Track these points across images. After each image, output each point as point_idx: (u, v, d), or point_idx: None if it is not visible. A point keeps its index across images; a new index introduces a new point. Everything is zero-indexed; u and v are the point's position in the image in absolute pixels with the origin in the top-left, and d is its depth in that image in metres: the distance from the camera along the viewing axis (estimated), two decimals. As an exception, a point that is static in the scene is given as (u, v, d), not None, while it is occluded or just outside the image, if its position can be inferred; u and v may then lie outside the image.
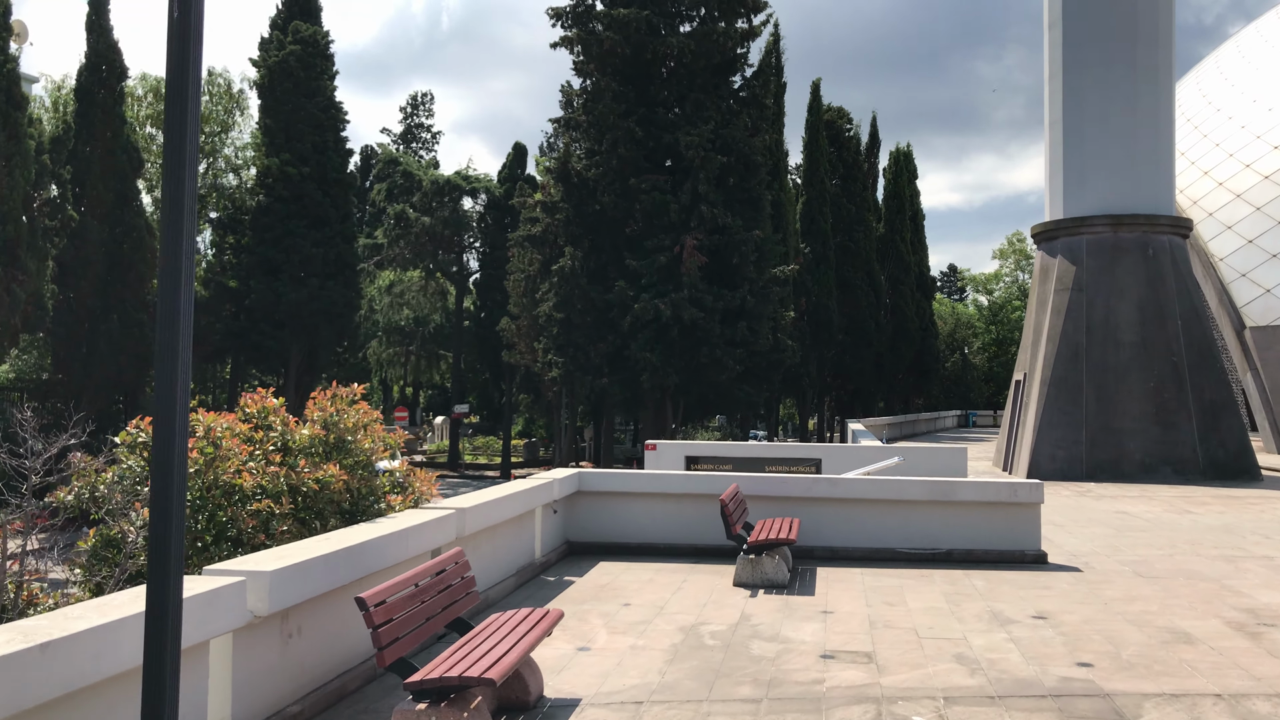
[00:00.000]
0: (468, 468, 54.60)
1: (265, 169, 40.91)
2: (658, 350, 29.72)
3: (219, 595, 5.36)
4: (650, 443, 20.64)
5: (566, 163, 31.70)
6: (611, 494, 13.24)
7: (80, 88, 33.82)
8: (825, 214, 51.74)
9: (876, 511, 12.84)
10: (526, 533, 11.54)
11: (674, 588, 10.87)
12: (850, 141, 57.25)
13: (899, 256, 61.22)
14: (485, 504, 9.47)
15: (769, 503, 13.00)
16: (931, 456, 19.52)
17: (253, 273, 41.22)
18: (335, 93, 44.50)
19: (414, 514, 8.40)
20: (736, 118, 31.82)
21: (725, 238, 30.59)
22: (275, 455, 7.78)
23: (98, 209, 33.39)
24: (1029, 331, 28.82)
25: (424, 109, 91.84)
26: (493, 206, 51.26)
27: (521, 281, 36.58)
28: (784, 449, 21.30)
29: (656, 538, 13.07)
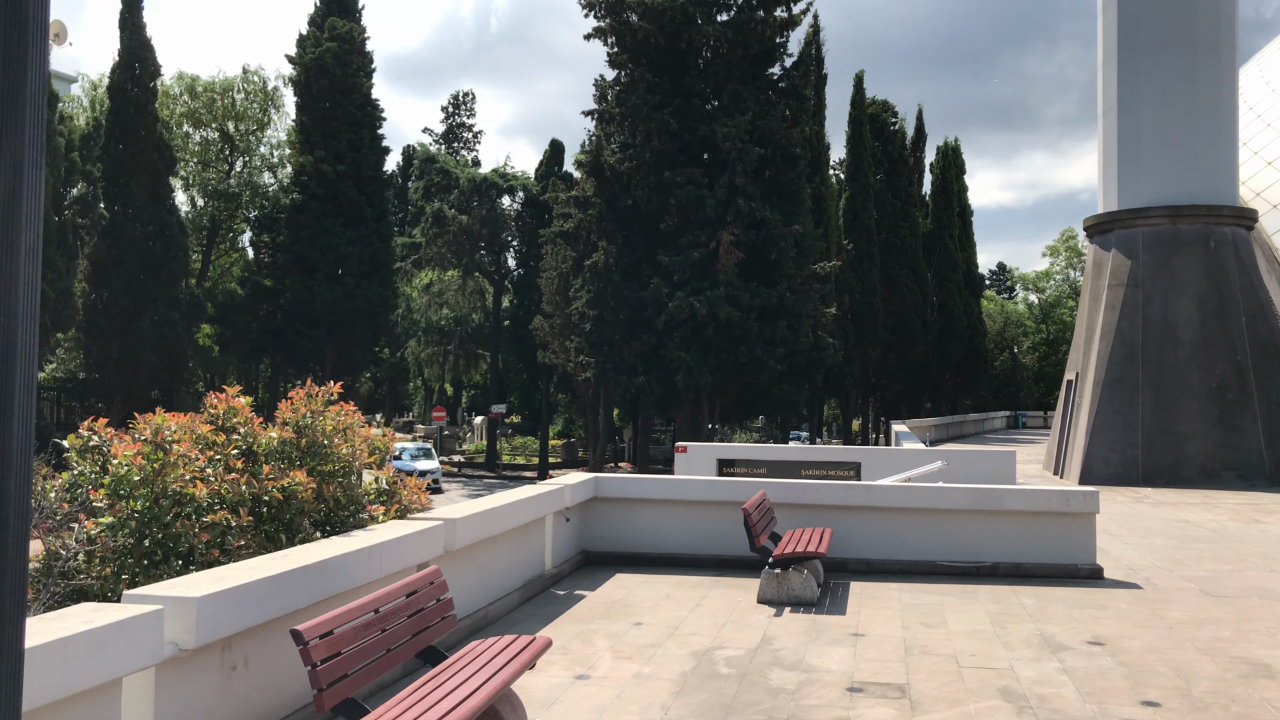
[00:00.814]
0: (505, 468, 54.03)
1: (300, 167, 40.60)
2: (693, 349, 28.82)
3: (127, 627, 4.59)
4: (680, 445, 19.77)
5: (599, 156, 30.88)
6: (630, 500, 12.40)
7: (113, 85, 33.66)
8: (869, 209, 50.48)
9: (916, 521, 11.87)
10: (534, 543, 10.73)
11: (692, 604, 10.00)
12: (895, 135, 55.90)
13: (946, 253, 59.70)
14: (479, 514, 8.66)
15: (799, 511, 12.09)
16: (977, 460, 18.44)
17: (288, 271, 40.94)
18: (372, 90, 44.13)
19: (396, 526, 7.61)
20: (775, 109, 30.81)
21: (763, 233, 29.59)
22: (237, 461, 7.02)
23: (130, 207, 33.17)
24: (1081, 329, 27.54)
25: (465, 108, 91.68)
26: (530, 204, 50.63)
27: (554, 279, 35.80)
28: (821, 452, 20.32)
29: (678, 548, 12.21)
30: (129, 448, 6.55)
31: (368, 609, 5.66)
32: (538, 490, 10.80)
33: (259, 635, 5.81)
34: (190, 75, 40.17)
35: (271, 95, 41.06)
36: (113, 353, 33.30)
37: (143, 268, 33.03)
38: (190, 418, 7.44)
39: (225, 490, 6.79)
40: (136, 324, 32.79)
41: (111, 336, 33.14)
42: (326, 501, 7.53)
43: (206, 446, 7.20)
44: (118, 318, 32.94)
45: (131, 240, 32.80)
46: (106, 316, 33.05)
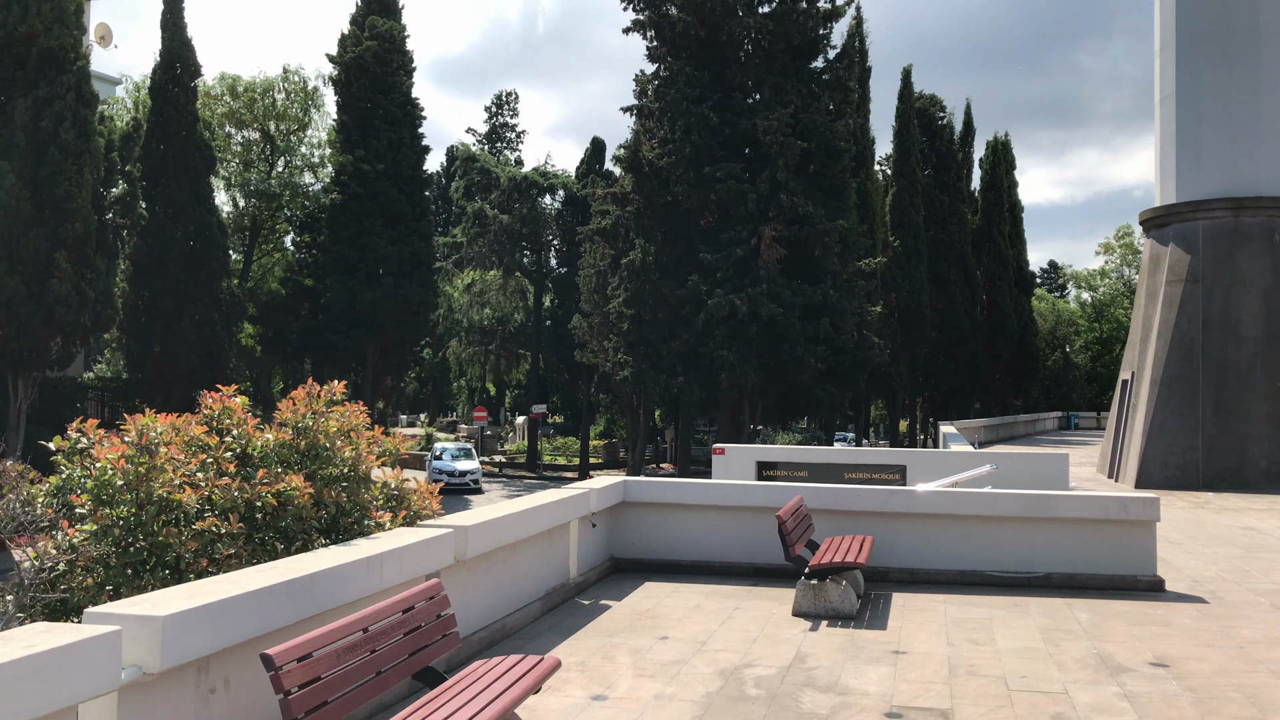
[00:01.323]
0: (546, 468, 53.72)
1: (340, 166, 40.54)
2: (734, 348, 28.21)
3: (77, 651, 4.14)
4: (718, 446, 19.19)
5: (637, 151, 30.35)
6: (660, 505, 11.87)
7: (154, 86, 33.75)
8: (917, 206, 49.48)
9: (963, 528, 11.22)
10: (558, 550, 10.24)
11: (723, 617, 9.45)
12: (943, 130, 54.79)
13: (996, 250, 58.43)
14: (493, 521, 8.18)
15: (839, 518, 11.48)
16: (1028, 464, 17.66)
17: (329, 271, 40.91)
18: (412, 89, 44.01)
19: (401, 534, 7.15)
20: (818, 102, 30.10)
21: (806, 228, 28.90)
22: (230, 465, 6.59)
23: (171, 207, 33.24)
24: (1137, 327, 26.54)
25: (508, 108, 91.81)
26: (570, 203, 50.27)
27: (592, 278, 35.33)
28: (865, 455, 19.64)
29: (711, 555, 11.66)
30: (113, 450, 6.14)
31: (355, 627, 5.19)
32: (561, 495, 10.31)
33: (241, 654, 5.37)
34: (231, 75, 40.31)
35: (312, 95, 41.09)
36: (153, 353, 33.37)
37: (183, 268, 33.06)
38: (185, 419, 7.04)
39: (217, 496, 6.36)
40: (177, 324, 32.83)
41: (152, 337, 33.22)
42: (328, 508, 7.08)
43: (200, 449, 6.78)
44: (158, 318, 33.00)
45: (172, 240, 32.84)
46: (148, 317, 33.13)
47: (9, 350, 27.70)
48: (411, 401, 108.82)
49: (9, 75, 27.66)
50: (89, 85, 28.65)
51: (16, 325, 27.24)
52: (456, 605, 7.85)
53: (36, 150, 27.33)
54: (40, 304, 27.14)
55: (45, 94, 27.61)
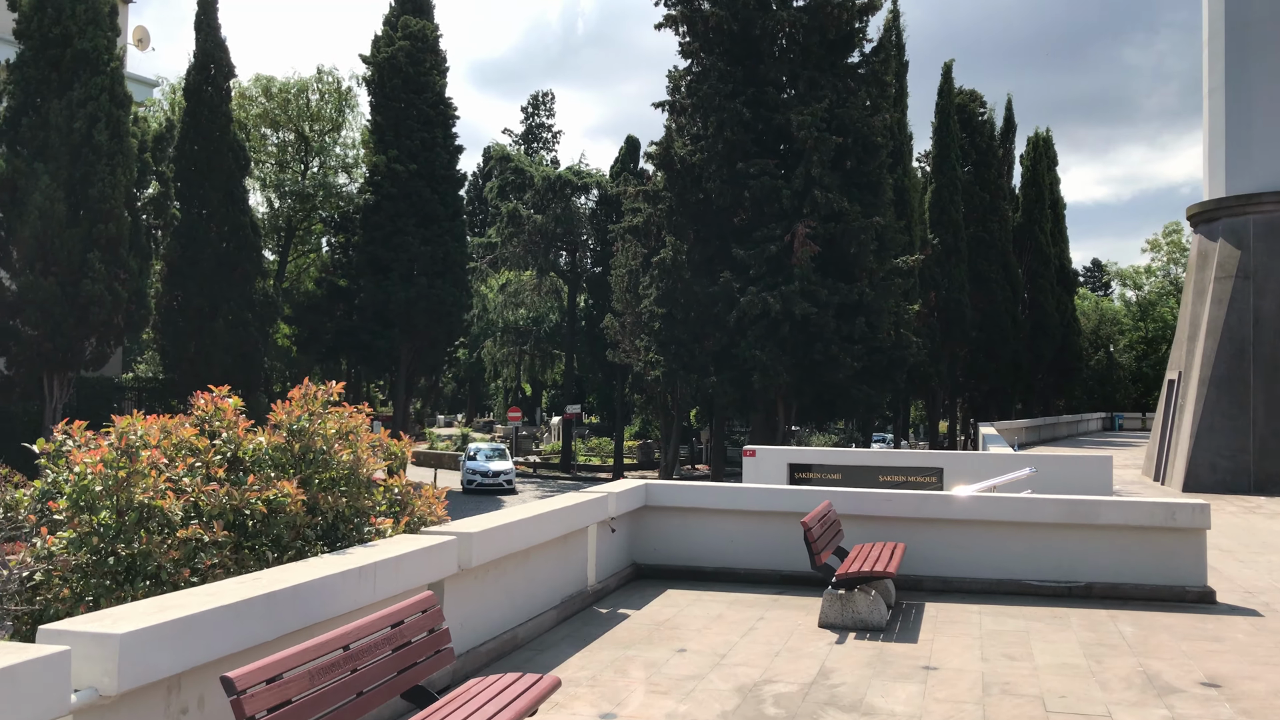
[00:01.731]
0: (580, 469, 53.45)
1: (374, 166, 40.50)
2: (767, 348, 27.69)
3: (17, 675, 3.82)
4: (749, 449, 18.73)
5: (669, 148, 29.90)
6: (683, 510, 11.46)
7: (189, 87, 33.82)
8: (956, 203, 48.60)
9: (1000, 535, 10.71)
10: (575, 556, 9.86)
11: (745, 628, 9.02)
12: (983, 126, 53.82)
13: (1037, 248, 57.32)
14: (502, 527, 7.81)
15: (869, 524, 11.01)
16: (1070, 467, 17.03)
17: (362, 272, 40.90)
18: (445, 88, 43.90)
19: (400, 541, 6.80)
20: (854, 96, 29.48)
21: (841, 225, 28.30)
22: (219, 469, 6.27)
23: (205, 208, 33.31)
24: (1184, 325, 25.71)
25: (545, 108, 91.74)
26: (604, 202, 49.96)
27: (624, 277, 34.97)
28: (901, 457, 19.10)
29: (736, 561, 11.24)
30: (92, 453, 5.84)
31: (334, 645, 4.83)
32: (577, 499, 9.93)
33: (216, 673, 5.03)
34: (266, 77, 40.38)
35: (345, 95, 41.07)
36: (188, 353, 33.45)
37: (217, 268, 33.10)
38: (178, 420, 6.75)
39: (204, 502, 6.04)
40: (210, 324, 32.87)
41: (186, 337, 33.29)
42: (324, 514, 6.74)
43: (190, 452, 6.47)
44: (193, 318, 33.07)
45: (206, 241, 32.90)
46: (182, 317, 33.21)
47: (44, 351, 27.84)
48: (450, 401, 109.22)
49: (44, 77, 27.81)
50: (122, 86, 28.73)
51: (51, 326, 27.37)
52: (462, 616, 7.51)
53: (71, 151, 27.44)
54: (74, 304, 27.25)
55: (79, 95, 27.72)
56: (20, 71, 28.08)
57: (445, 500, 7.90)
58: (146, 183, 30.93)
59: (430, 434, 63.57)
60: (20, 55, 28.33)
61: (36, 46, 27.97)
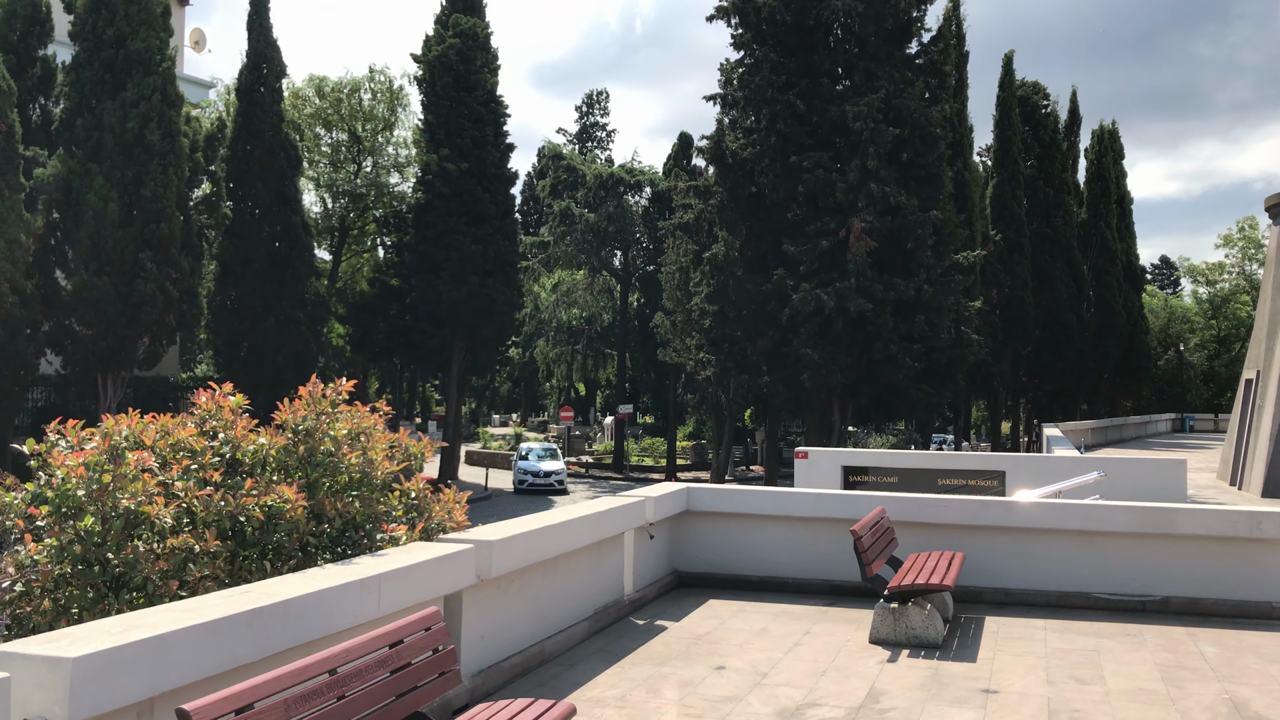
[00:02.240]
0: (632, 469, 52.97)
1: (425, 165, 40.41)
2: (821, 346, 26.93)
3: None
4: (800, 450, 18.08)
5: (720, 141, 29.25)
6: (727, 515, 10.89)
7: (240, 87, 33.96)
8: (1019, 197, 47.27)
9: (1066, 545, 9.99)
10: (610, 564, 9.34)
11: (790, 643, 8.44)
12: (1047, 119, 52.32)
13: (1103, 244, 55.60)
14: (525, 535, 7.31)
15: (925, 531, 10.35)
16: (1141, 471, 16.12)
17: (414, 271, 40.81)
18: (497, 86, 43.68)
19: (412, 550, 6.33)
20: (911, 87, 28.58)
21: (898, 219, 27.44)
22: (214, 473, 5.84)
23: (257, 207, 33.40)
24: (1262, 321, 24.48)
25: (599, 107, 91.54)
26: (657, 200, 49.42)
27: (674, 274, 34.43)
28: (961, 459, 18.32)
29: (783, 570, 10.64)
30: (74, 455, 5.44)
31: (318, 669, 4.36)
32: (612, 503, 9.40)
33: (194, 695, 4.58)
34: (319, 76, 40.50)
35: (397, 94, 41.01)
36: (240, 353, 33.56)
37: (269, 268, 33.16)
38: (181, 419, 6.34)
39: (197, 509, 5.62)
40: (263, 324, 32.94)
41: (239, 336, 33.41)
42: (332, 521, 6.29)
43: (188, 454, 6.06)
44: (245, 318, 33.17)
45: (258, 240, 32.98)
46: (235, 317, 33.33)
47: (98, 350, 28.03)
48: (506, 401, 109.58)
49: (99, 79, 27.99)
50: (174, 86, 28.83)
51: (104, 325, 27.53)
52: (482, 629, 7.02)
53: (124, 152, 27.57)
54: (127, 304, 27.37)
55: (132, 96, 27.85)
56: (76, 73, 28.31)
57: (466, 505, 7.42)
58: (198, 182, 31.02)
59: (484, 433, 63.59)
60: (75, 57, 28.57)
61: (91, 48, 28.16)
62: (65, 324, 28.04)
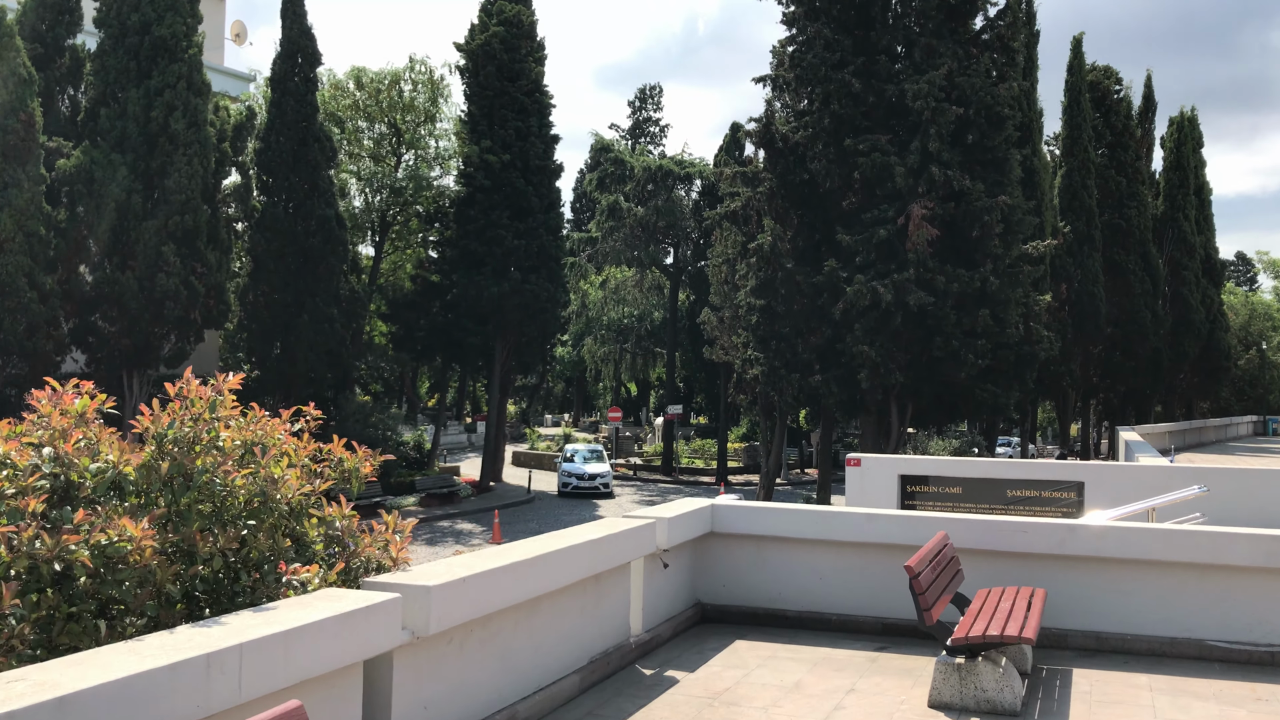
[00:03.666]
0: (682, 471, 51.26)
1: (466, 158, 39.14)
2: (877, 343, 25.02)
3: None
4: (853, 457, 16.29)
5: (769, 124, 27.40)
6: (758, 539, 9.21)
7: (274, 77, 32.94)
8: (1089, 187, 44.68)
9: (1174, 581, 8.15)
10: (611, 600, 7.71)
11: (829, 705, 6.75)
12: (1119, 105, 49.53)
13: (1181, 237, 52.63)
14: (479, 576, 5.69)
15: (998, 561, 8.58)
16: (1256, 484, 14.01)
17: (455, 267, 39.57)
18: (543, 76, 42.32)
19: (317, 602, 4.75)
20: (976, 63, 26.51)
21: (962, 206, 25.39)
22: (33, 501, 4.32)
23: (291, 200, 32.33)
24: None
25: (652, 102, 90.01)
26: (708, 193, 47.64)
27: (721, 267, 32.69)
28: (1032, 468, 16.40)
29: (825, 604, 8.94)
30: None
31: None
32: (615, 527, 7.76)
33: None
34: (358, 67, 39.41)
35: (438, 85, 39.75)
36: (274, 351, 32.53)
37: (302, 263, 32.07)
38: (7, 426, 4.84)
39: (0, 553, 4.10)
40: (296, 320, 31.86)
41: (272, 334, 32.37)
42: (209, 562, 4.74)
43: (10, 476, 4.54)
44: (278, 314, 32.12)
45: (290, 235, 31.89)
46: (268, 313, 32.29)
47: (121, 347, 27.09)
48: (560, 401, 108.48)
49: (123, 66, 27.07)
50: (200, 73, 27.80)
51: (128, 321, 26.57)
52: (423, 698, 5.42)
53: (147, 141, 26.62)
54: (150, 299, 26.38)
55: (157, 83, 26.88)
56: (100, 61, 27.43)
57: (409, 536, 5.83)
58: (225, 173, 29.99)
59: (531, 434, 62.34)
60: (100, 44, 27.69)
61: (115, 35, 27.26)
62: (89, 320, 27.15)
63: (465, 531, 31.99)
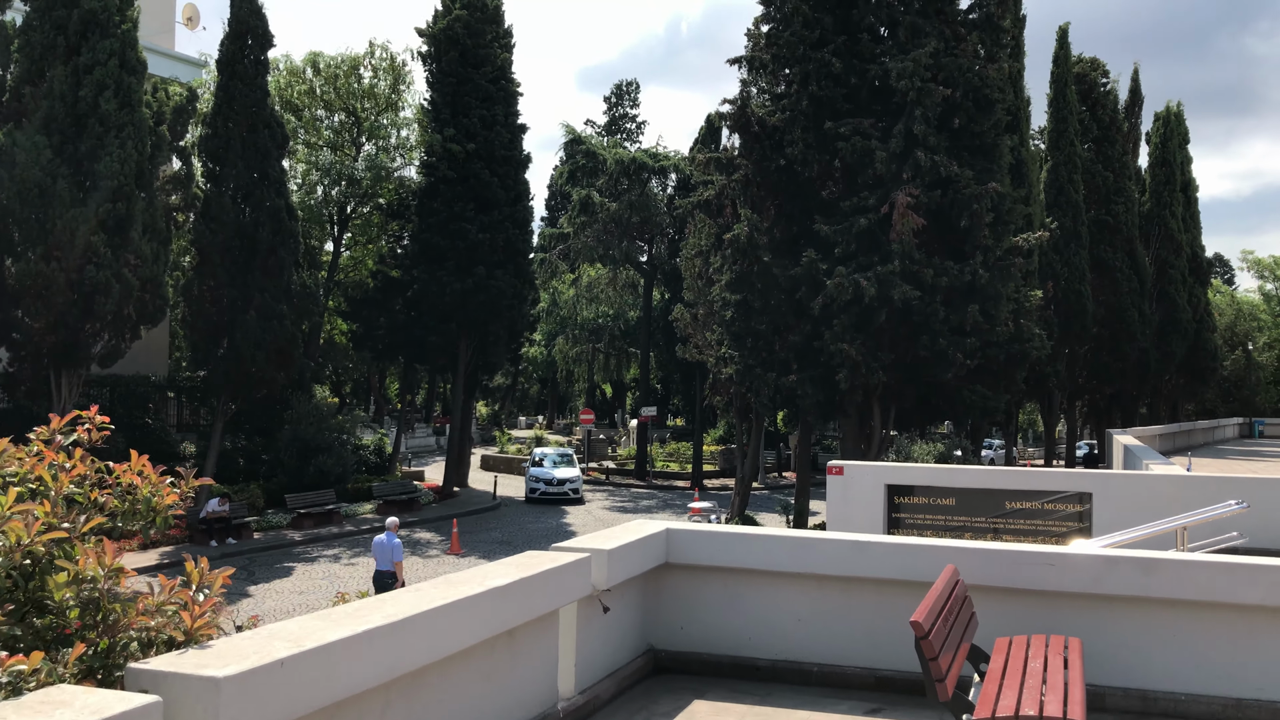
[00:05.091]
0: (656, 475, 49.52)
1: (429, 146, 37.30)
2: (858, 341, 23.41)
3: None
4: (835, 465, 14.66)
5: (745, 107, 25.70)
6: (724, 571, 7.53)
7: (222, 59, 30.99)
8: (1076, 182, 43.27)
9: (1244, 628, 6.52)
10: (531, 659, 5.96)
11: (810, 808, 5.05)
12: (1106, 99, 48.16)
13: (1168, 234, 51.33)
14: (312, 654, 3.95)
15: (1016, 600, 6.93)
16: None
17: (417, 262, 37.75)
18: (510, 64, 40.57)
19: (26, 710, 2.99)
20: (963, 43, 24.94)
21: (950, 194, 23.79)
22: None
23: (239, 188, 30.41)
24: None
25: (629, 98, 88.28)
26: (683, 187, 45.94)
27: (695, 260, 31.05)
28: (1031, 477, 14.80)
29: (805, 652, 7.28)
30: None
31: None
32: (530, 567, 6.00)
33: None
34: (315, 52, 37.45)
35: (400, 71, 37.89)
36: (220, 350, 30.60)
37: (250, 256, 30.14)
38: None
39: None
40: (243, 318, 29.95)
41: (219, 331, 30.44)
42: None
43: None
44: (224, 310, 30.20)
45: (238, 226, 29.94)
46: (215, 309, 30.35)
47: (47, 344, 25.14)
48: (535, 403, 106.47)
49: (50, 41, 25.10)
50: (135, 50, 25.87)
51: (54, 316, 24.61)
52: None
53: (75, 122, 24.68)
54: (78, 293, 24.45)
55: (86, 60, 24.94)
56: (26, 36, 25.45)
57: (213, 600, 4.09)
58: (164, 158, 28.04)
59: (500, 437, 60.38)
60: (26, 19, 25.74)
61: (42, 8, 25.29)
62: (12, 315, 25.18)
63: (423, 541, 30.17)
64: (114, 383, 32.16)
